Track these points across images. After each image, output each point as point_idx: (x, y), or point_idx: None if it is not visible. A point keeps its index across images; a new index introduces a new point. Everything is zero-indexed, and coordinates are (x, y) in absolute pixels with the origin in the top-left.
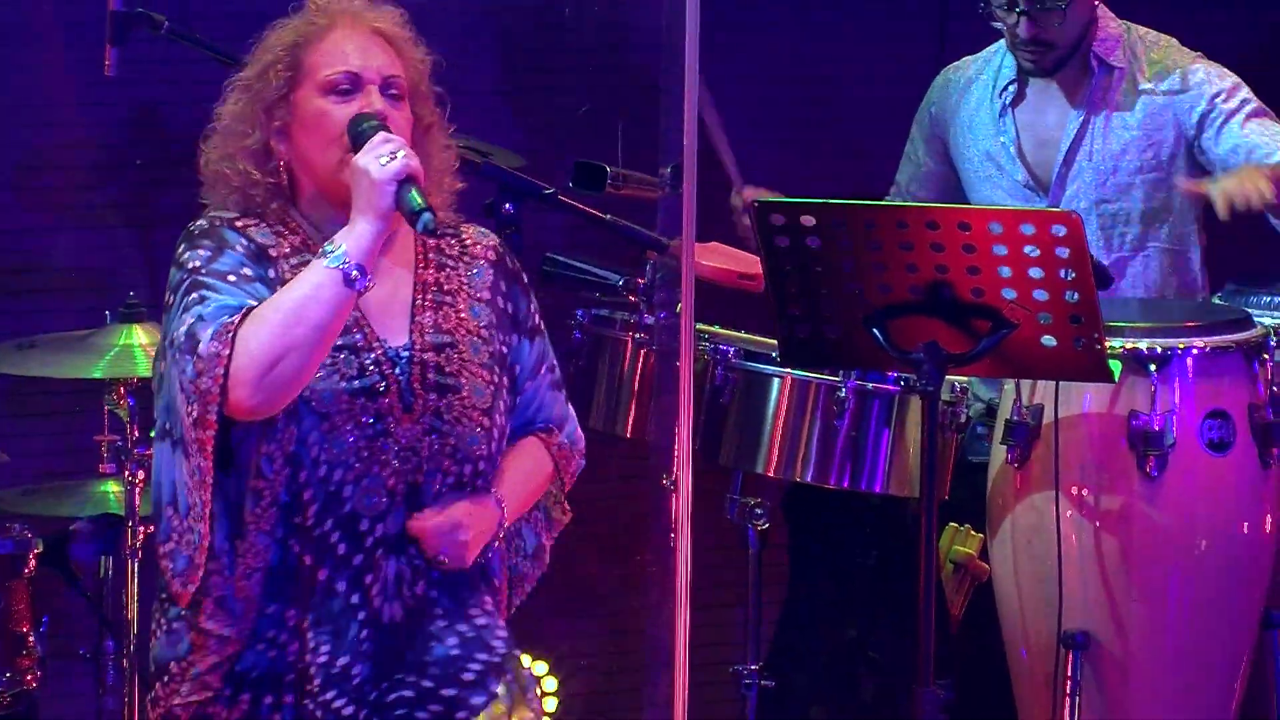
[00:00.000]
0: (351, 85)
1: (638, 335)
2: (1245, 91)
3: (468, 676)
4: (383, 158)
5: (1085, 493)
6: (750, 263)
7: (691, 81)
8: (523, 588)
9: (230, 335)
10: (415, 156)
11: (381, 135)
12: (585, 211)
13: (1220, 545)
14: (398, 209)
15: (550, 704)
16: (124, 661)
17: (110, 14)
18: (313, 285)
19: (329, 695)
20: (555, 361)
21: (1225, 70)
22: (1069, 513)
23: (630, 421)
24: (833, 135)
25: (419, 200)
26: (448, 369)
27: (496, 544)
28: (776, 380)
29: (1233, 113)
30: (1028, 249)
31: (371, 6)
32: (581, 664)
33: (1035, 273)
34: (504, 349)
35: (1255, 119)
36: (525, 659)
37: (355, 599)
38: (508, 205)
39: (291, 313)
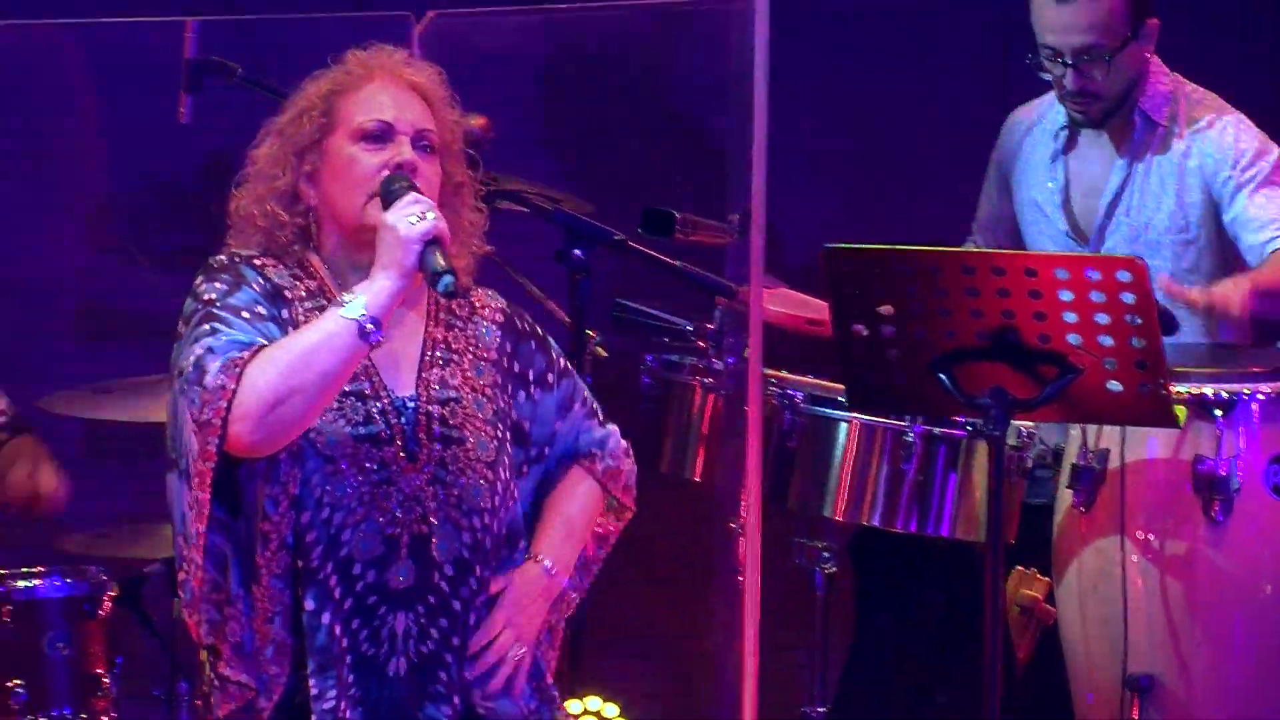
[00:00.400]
0: (384, 134)
1: (706, 380)
2: (1268, 159)
3: None
4: (412, 217)
5: (1150, 537)
6: (818, 308)
7: (760, 128)
8: (570, 600)
9: (238, 370)
10: (444, 220)
11: (412, 195)
12: (654, 257)
13: None
14: (420, 269)
15: None
16: (197, 703)
17: (185, 62)
18: (326, 333)
19: None
20: (587, 394)
21: (1256, 133)
22: (1134, 557)
23: (699, 465)
24: (896, 182)
25: (442, 262)
26: (452, 421)
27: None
28: (844, 425)
29: (1244, 183)
30: (1093, 295)
31: (410, 62)
32: (652, 706)
33: (1101, 318)
34: (507, 406)
35: (1265, 188)
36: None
37: (345, 643)
38: (578, 251)
39: (301, 357)
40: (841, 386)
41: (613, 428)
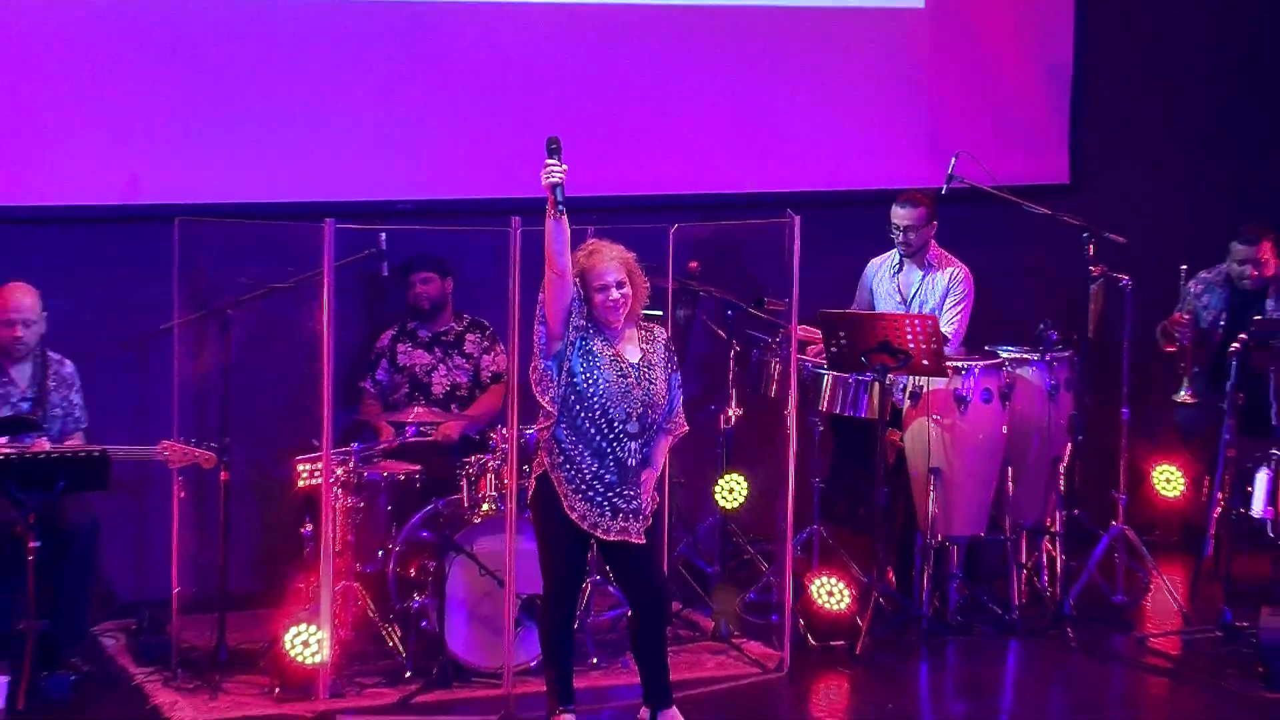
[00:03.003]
0: (605, 289)
1: (775, 359)
2: (967, 296)
3: (633, 493)
4: (545, 174)
5: (938, 417)
6: (817, 332)
7: (794, 269)
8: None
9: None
10: (558, 175)
11: (548, 162)
12: (757, 314)
13: (987, 438)
14: (551, 196)
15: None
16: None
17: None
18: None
19: (597, 484)
20: (680, 379)
21: (969, 277)
22: (932, 425)
23: (773, 389)
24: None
25: (559, 200)
26: (652, 378)
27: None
28: (826, 375)
29: (948, 300)
30: (920, 328)
31: (611, 245)
32: (753, 481)
33: (922, 336)
34: (666, 379)
35: (956, 308)
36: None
37: (607, 449)
38: (730, 312)
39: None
40: (825, 361)
41: (682, 396)
